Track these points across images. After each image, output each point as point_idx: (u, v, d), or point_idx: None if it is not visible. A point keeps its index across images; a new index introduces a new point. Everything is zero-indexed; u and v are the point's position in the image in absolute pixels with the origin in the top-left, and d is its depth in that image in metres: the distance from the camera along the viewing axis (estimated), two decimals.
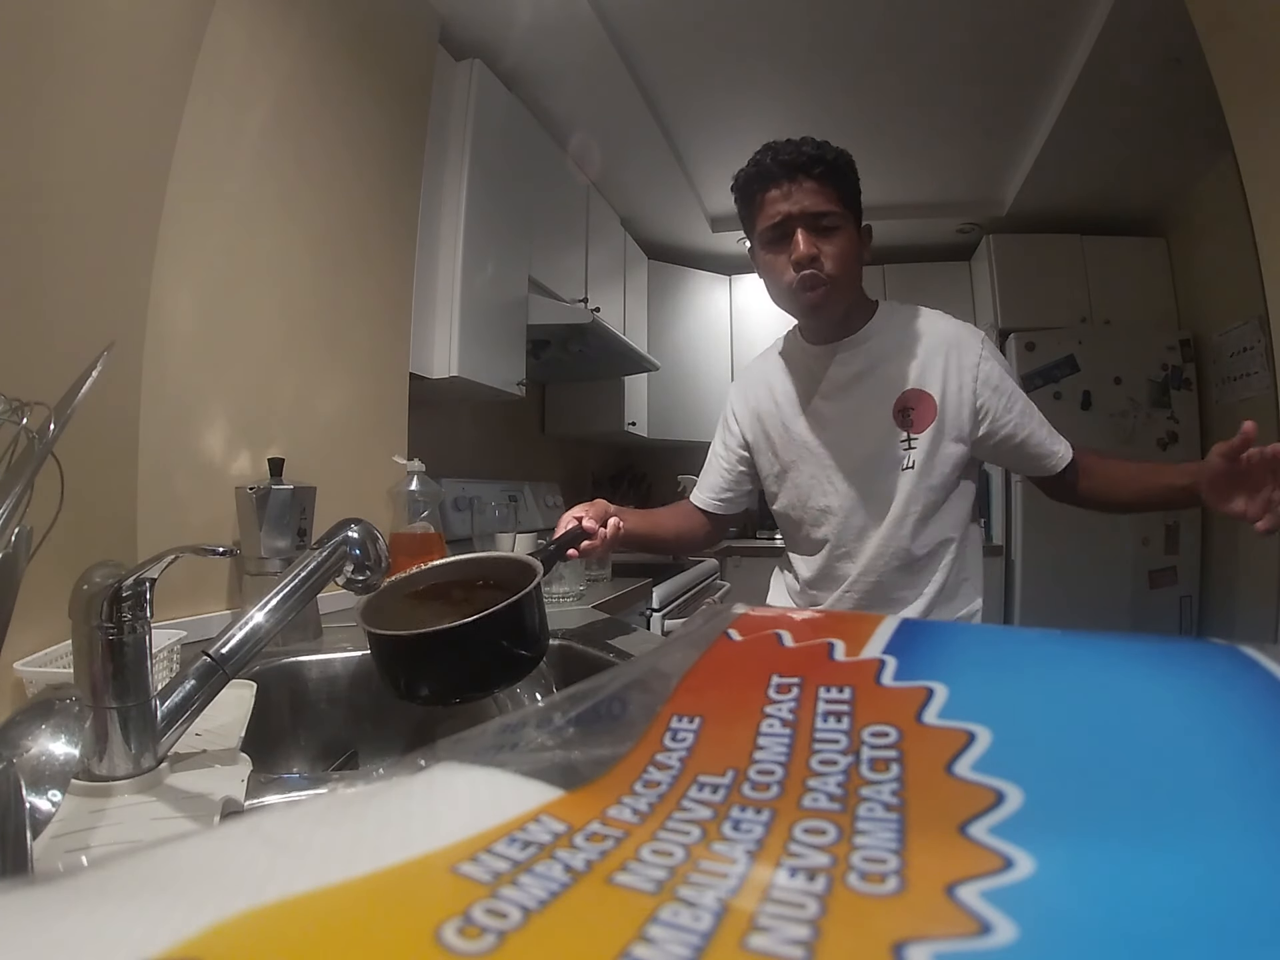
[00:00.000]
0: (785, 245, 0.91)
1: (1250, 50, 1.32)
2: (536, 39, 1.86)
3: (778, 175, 0.90)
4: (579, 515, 0.92)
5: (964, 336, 0.98)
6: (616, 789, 0.17)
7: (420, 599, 0.67)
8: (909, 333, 0.99)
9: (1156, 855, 0.12)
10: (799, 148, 0.89)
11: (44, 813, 0.40)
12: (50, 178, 0.77)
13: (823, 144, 0.91)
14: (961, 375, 0.96)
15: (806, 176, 0.89)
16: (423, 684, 0.60)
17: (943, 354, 0.96)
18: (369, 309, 1.41)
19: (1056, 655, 0.23)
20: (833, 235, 0.90)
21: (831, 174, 0.90)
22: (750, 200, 0.94)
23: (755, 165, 0.92)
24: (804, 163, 0.89)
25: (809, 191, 0.89)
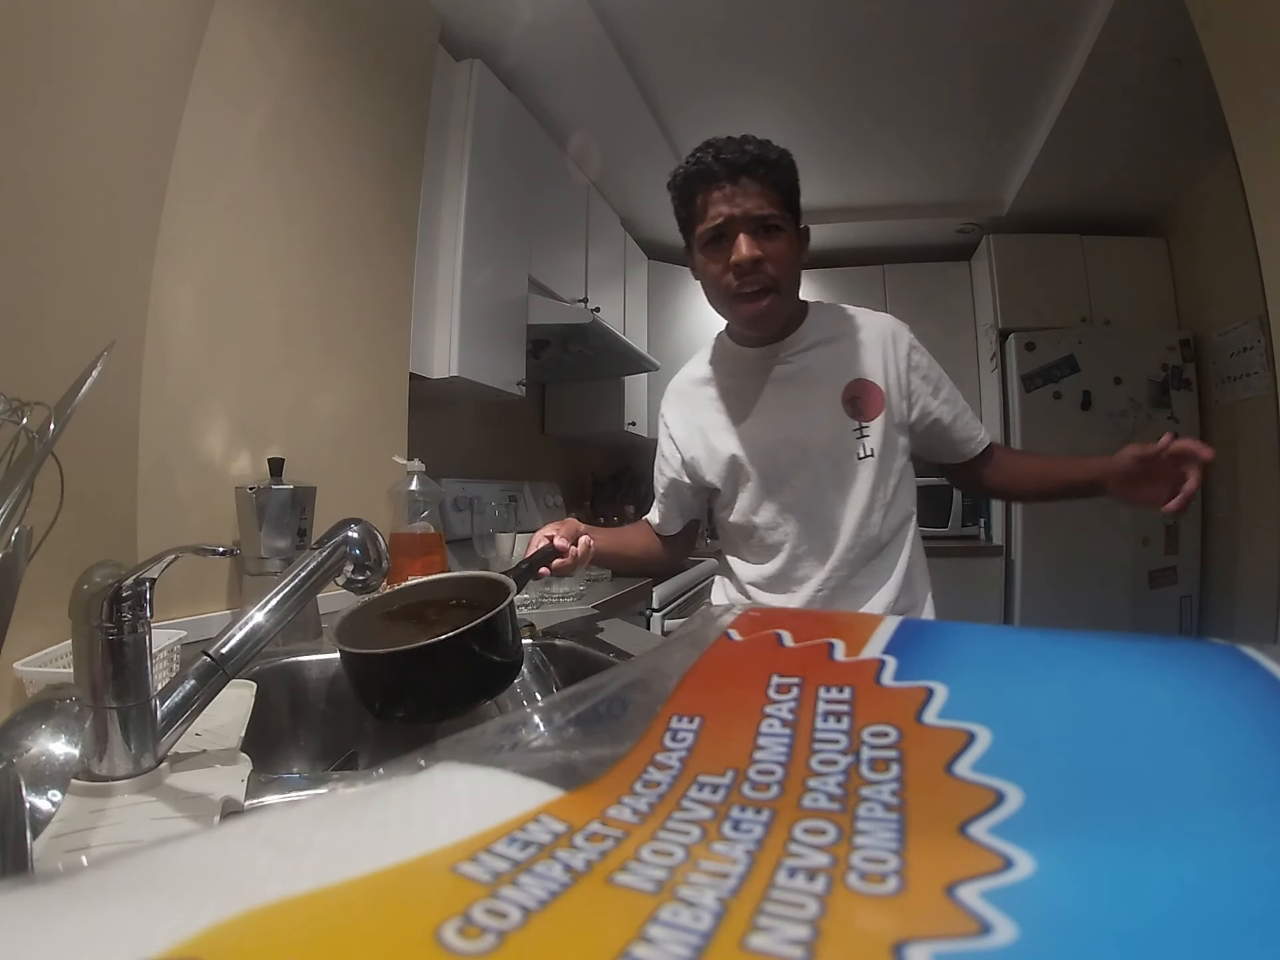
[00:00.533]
0: (725, 248, 0.88)
1: (1250, 50, 1.32)
2: (536, 39, 1.86)
3: (720, 176, 0.86)
4: (550, 534, 0.92)
5: (895, 328, 1.00)
6: (616, 789, 0.17)
7: (394, 619, 0.67)
8: (844, 328, 1.00)
9: (1156, 855, 0.12)
10: (742, 146, 0.86)
11: (44, 813, 0.40)
12: (50, 177, 0.77)
13: (764, 143, 0.88)
14: (898, 364, 0.97)
15: (749, 177, 0.86)
16: (397, 703, 0.60)
17: (879, 344, 0.97)
18: (369, 309, 1.41)
19: (1056, 655, 0.23)
20: (774, 238, 0.88)
21: (774, 175, 0.87)
22: (689, 200, 0.91)
23: (696, 164, 0.88)
24: (747, 163, 0.86)
25: (752, 193, 0.86)
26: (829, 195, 3.01)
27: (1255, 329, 2.43)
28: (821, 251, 3.49)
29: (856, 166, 2.76)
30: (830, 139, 2.54)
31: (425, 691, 0.59)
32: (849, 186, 2.93)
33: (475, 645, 0.59)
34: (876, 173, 2.80)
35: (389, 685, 0.59)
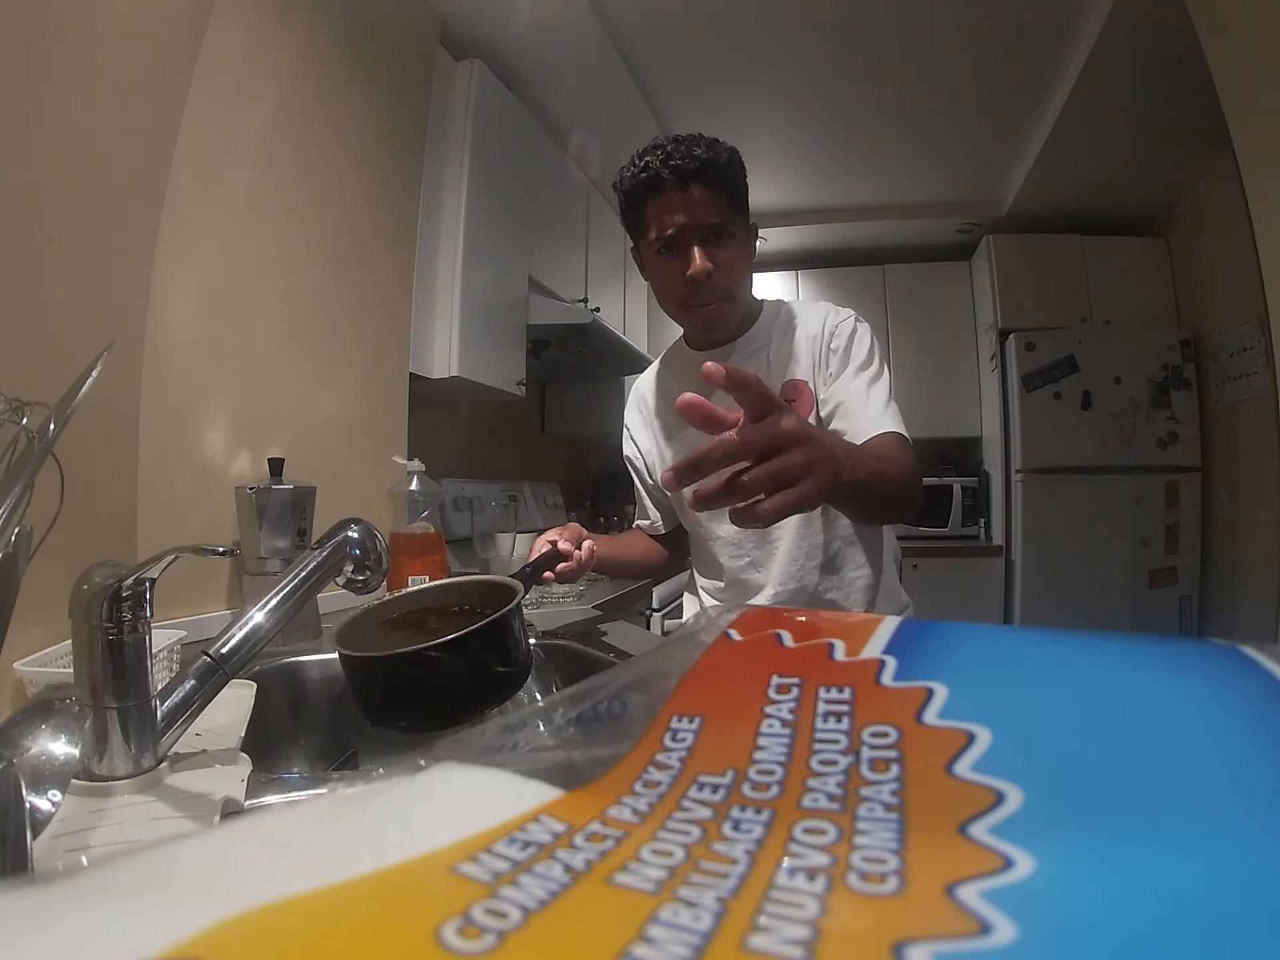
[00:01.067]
0: (676, 256, 0.87)
1: (1250, 50, 1.32)
2: (536, 39, 1.86)
3: (669, 183, 0.84)
4: (553, 538, 0.91)
5: (827, 314, 0.95)
6: (616, 789, 0.17)
7: (394, 626, 0.65)
8: (786, 327, 0.96)
9: (1156, 855, 0.12)
10: (690, 151, 0.83)
11: (44, 813, 0.40)
12: (50, 178, 0.77)
13: (713, 142, 0.85)
14: (823, 354, 0.92)
15: (699, 183, 0.84)
16: (395, 711, 0.58)
17: (814, 339, 0.93)
18: (369, 309, 1.41)
19: (1056, 655, 0.23)
20: (726, 244, 0.87)
21: (724, 178, 0.85)
22: (637, 207, 0.89)
23: (644, 170, 0.85)
24: (697, 169, 0.83)
25: (703, 200, 0.84)
26: (829, 195, 3.01)
27: (1255, 329, 2.43)
28: (821, 251, 3.49)
29: (857, 166, 2.76)
30: (831, 139, 2.54)
31: (424, 699, 0.56)
32: (849, 186, 2.93)
33: (478, 650, 0.57)
34: (877, 173, 2.80)
35: (385, 691, 0.57)
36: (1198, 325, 2.88)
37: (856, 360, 0.91)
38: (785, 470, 0.47)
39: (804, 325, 0.95)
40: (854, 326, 0.94)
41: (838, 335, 0.92)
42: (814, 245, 3.43)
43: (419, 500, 1.31)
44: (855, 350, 0.91)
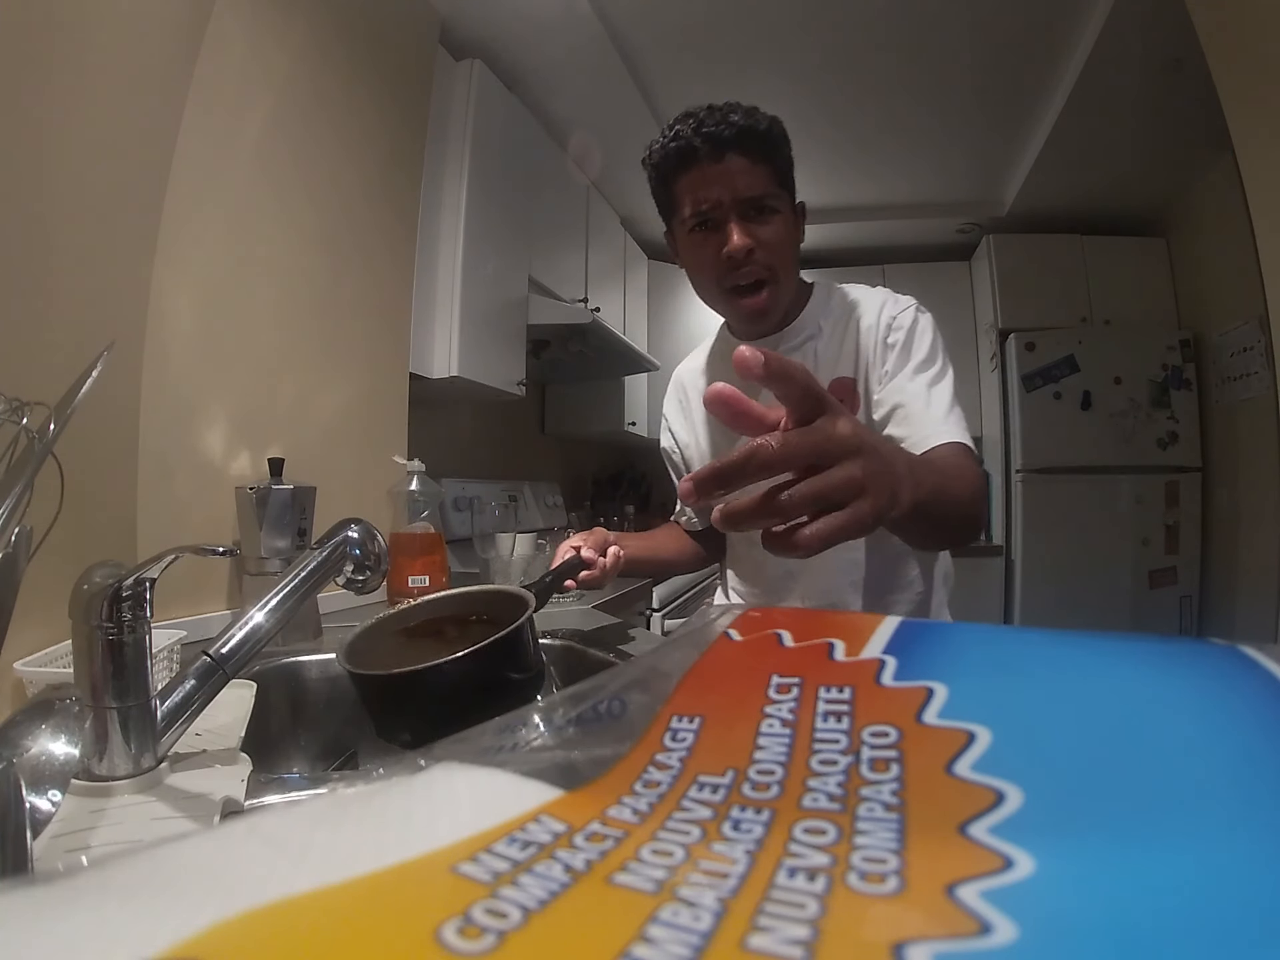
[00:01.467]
0: (712, 235, 0.78)
1: (1250, 51, 1.32)
2: (536, 39, 1.86)
3: (703, 154, 0.76)
4: (577, 545, 0.86)
5: (883, 303, 0.85)
6: (616, 789, 0.17)
7: (412, 635, 0.64)
8: (837, 316, 0.87)
9: (1157, 855, 0.12)
10: (726, 117, 0.75)
11: (44, 813, 0.40)
12: (50, 177, 0.77)
13: (752, 110, 0.77)
14: (877, 349, 0.82)
15: (737, 153, 0.75)
16: (402, 726, 0.56)
17: (867, 331, 0.84)
18: (369, 309, 1.41)
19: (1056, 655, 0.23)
20: (768, 220, 0.78)
21: (765, 148, 0.77)
22: (669, 182, 0.80)
23: (675, 139, 0.77)
24: (734, 137, 0.75)
25: (740, 171, 0.75)
26: (829, 195, 3.01)
27: (1255, 329, 2.43)
28: (821, 251, 3.49)
29: (857, 166, 2.76)
30: (831, 139, 2.54)
31: (430, 714, 0.55)
32: (849, 186, 2.93)
33: (485, 666, 0.55)
34: (876, 173, 2.80)
35: (393, 707, 0.56)
36: (1198, 325, 2.88)
37: (917, 357, 0.81)
38: (835, 488, 0.37)
39: (858, 314, 0.85)
40: (914, 317, 0.84)
41: (896, 327, 0.83)
42: (814, 245, 3.43)
43: (419, 500, 1.31)
44: (916, 345, 0.82)
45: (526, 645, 0.61)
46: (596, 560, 0.85)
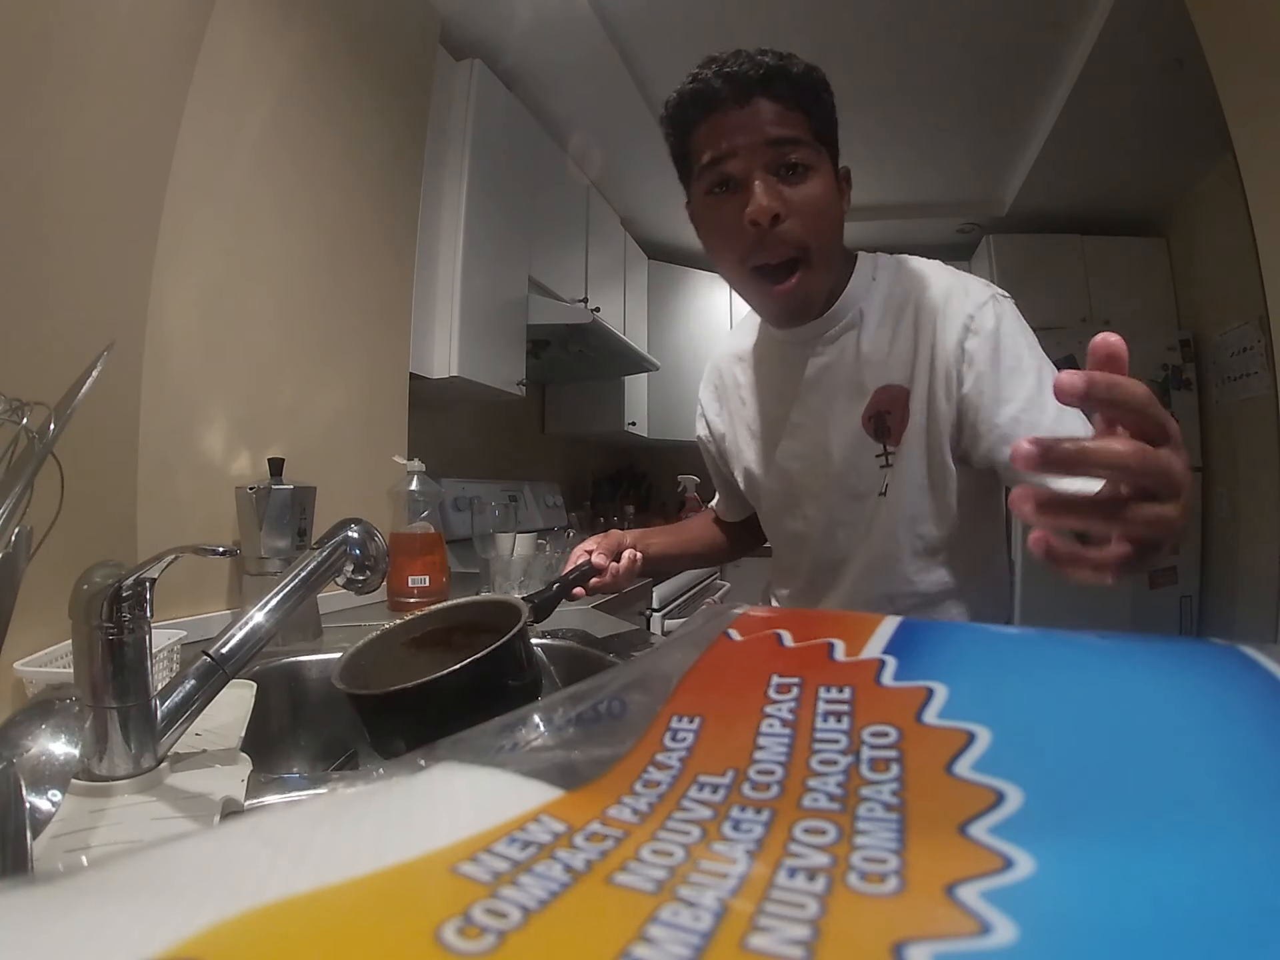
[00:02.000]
0: (734, 196, 0.64)
1: (1250, 50, 1.32)
2: (536, 39, 1.86)
3: (725, 97, 0.63)
4: (589, 549, 0.80)
5: (956, 290, 0.71)
6: (616, 789, 0.17)
7: (419, 646, 0.64)
8: (888, 302, 0.73)
9: (1156, 855, 0.12)
10: (754, 58, 0.63)
11: (44, 813, 0.40)
12: (50, 177, 0.77)
13: (787, 55, 0.64)
14: (946, 355, 0.68)
15: (765, 95, 0.62)
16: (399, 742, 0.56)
17: (928, 320, 0.70)
18: (369, 309, 1.41)
19: (1056, 655, 0.23)
20: (803, 179, 0.64)
21: (800, 93, 0.64)
22: (686, 132, 0.67)
23: (695, 81, 0.65)
24: (762, 77, 0.62)
25: (769, 117, 0.62)
26: None
27: (1255, 329, 2.43)
28: None
29: (856, 166, 2.73)
30: None
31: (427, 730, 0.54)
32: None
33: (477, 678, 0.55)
34: (877, 173, 2.80)
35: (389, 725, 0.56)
36: (1198, 325, 2.88)
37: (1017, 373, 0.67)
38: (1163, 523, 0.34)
39: (917, 305, 0.71)
40: (997, 316, 0.69)
41: (975, 331, 0.68)
42: None
43: (419, 500, 1.31)
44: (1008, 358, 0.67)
45: (519, 656, 0.60)
46: (608, 566, 0.80)
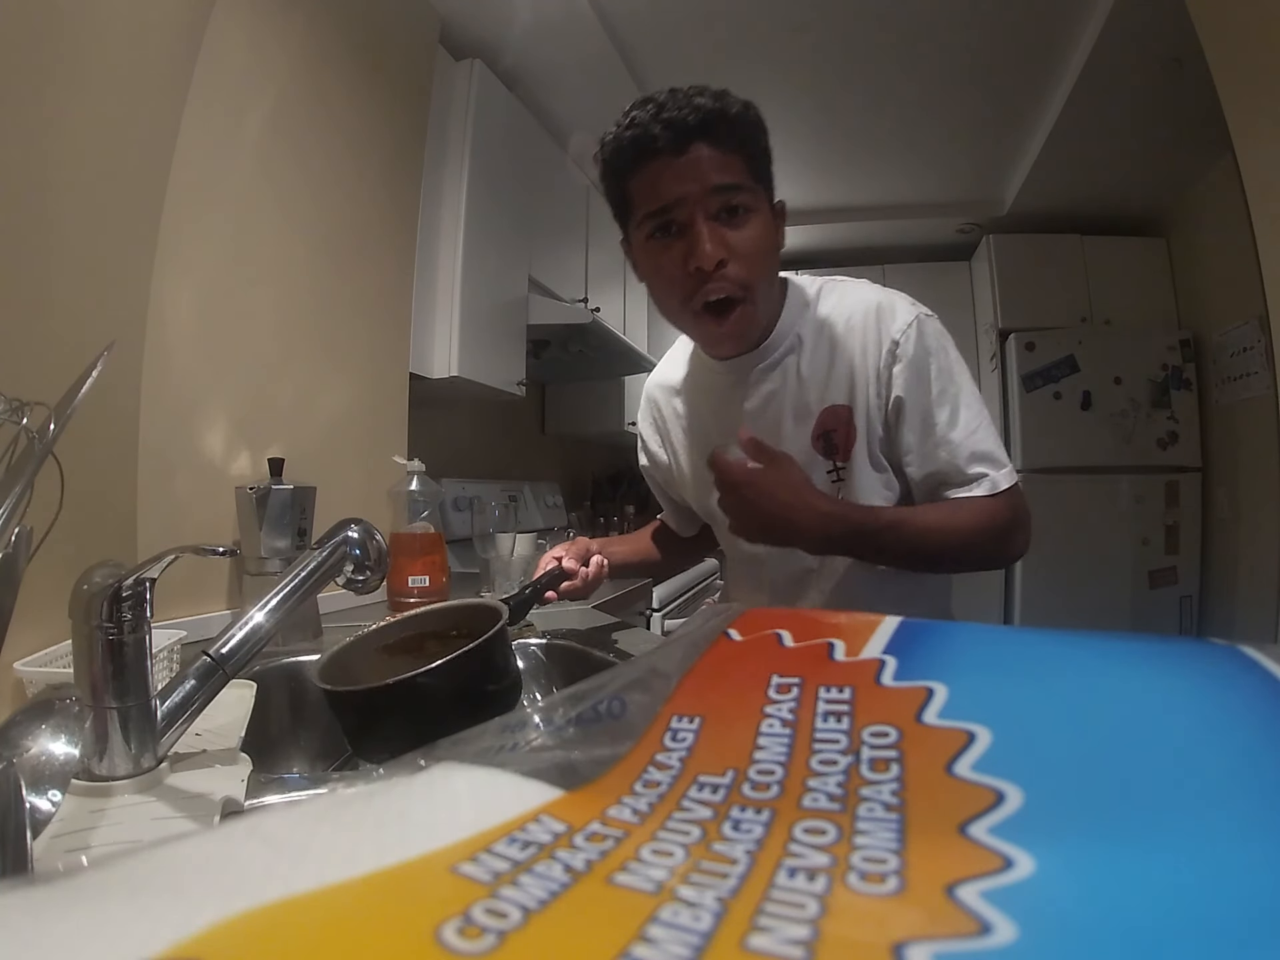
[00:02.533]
0: (676, 241, 0.66)
1: (1250, 50, 1.32)
2: (536, 39, 1.86)
3: (663, 143, 0.63)
4: (558, 555, 0.84)
5: (884, 314, 0.73)
6: (616, 789, 0.17)
7: (392, 652, 0.64)
8: (827, 322, 0.75)
9: (1156, 855, 0.12)
10: (691, 101, 0.63)
11: (44, 813, 0.40)
12: (50, 177, 0.77)
13: (722, 93, 0.65)
14: (879, 370, 0.72)
15: (704, 142, 0.63)
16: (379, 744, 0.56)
17: (859, 344, 0.73)
18: (369, 309, 1.41)
19: (1056, 655, 0.23)
20: (743, 223, 0.66)
21: (738, 135, 0.65)
22: (623, 177, 0.68)
23: (631, 127, 0.65)
24: (700, 123, 0.63)
25: (709, 164, 0.64)
26: (829, 195, 3.01)
27: (1255, 329, 2.43)
28: (821, 251, 3.49)
29: (857, 166, 2.76)
30: (831, 139, 2.54)
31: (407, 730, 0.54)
32: (849, 186, 2.93)
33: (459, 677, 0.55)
34: (877, 173, 2.80)
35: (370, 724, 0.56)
36: (1198, 325, 2.88)
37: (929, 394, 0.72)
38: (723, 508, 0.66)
39: (846, 326, 0.74)
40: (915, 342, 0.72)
41: (900, 358, 0.72)
42: (814, 245, 3.43)
43: (419, 500, 1.31)
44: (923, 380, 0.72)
45: (500, 656, 0.61)
46: (578, 570, 0.84)
